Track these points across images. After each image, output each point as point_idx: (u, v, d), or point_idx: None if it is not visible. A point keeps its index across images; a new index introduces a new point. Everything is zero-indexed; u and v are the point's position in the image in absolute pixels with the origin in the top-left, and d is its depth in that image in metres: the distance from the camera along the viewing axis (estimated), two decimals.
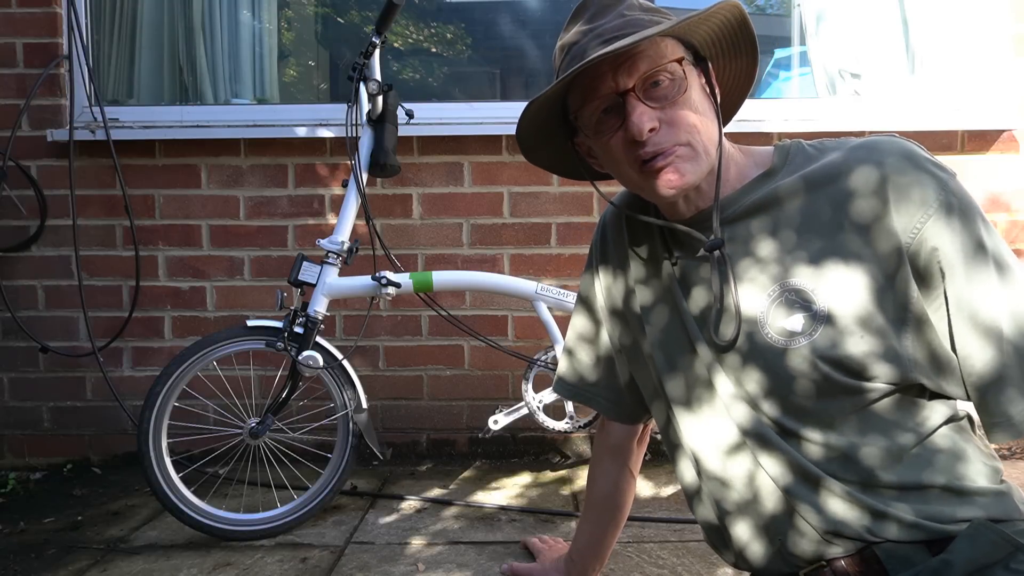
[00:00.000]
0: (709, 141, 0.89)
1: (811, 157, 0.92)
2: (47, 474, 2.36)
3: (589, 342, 1.15)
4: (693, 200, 0.94)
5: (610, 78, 0.86)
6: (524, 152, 1.01)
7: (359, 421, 1.86)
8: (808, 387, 0.85)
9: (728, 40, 0.93)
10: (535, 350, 2.07)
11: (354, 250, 1.86)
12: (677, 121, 0.87)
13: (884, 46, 2.46)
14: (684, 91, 0.87)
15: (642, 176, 0.89)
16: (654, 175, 0.88)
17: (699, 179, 0.89)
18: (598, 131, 0.91)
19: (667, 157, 0.87)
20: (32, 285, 2.38)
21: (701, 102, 0.89)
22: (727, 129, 0.95)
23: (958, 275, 0.81)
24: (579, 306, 1.17)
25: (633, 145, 0.87)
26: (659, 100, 0.86)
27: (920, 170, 0.83)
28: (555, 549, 1.56)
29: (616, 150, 0.90)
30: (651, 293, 1.01)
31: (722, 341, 0.91)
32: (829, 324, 0.84)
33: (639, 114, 0.85)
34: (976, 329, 0.81)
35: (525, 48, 2.95)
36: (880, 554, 0.83)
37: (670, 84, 0.87)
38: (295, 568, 1.64)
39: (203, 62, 2.55)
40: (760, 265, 0.89)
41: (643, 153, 0.87)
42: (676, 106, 0.87)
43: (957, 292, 0.81)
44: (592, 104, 0.89)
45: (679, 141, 0.87)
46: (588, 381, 1.16)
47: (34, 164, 2.35)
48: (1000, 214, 2.34)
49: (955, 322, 0.82)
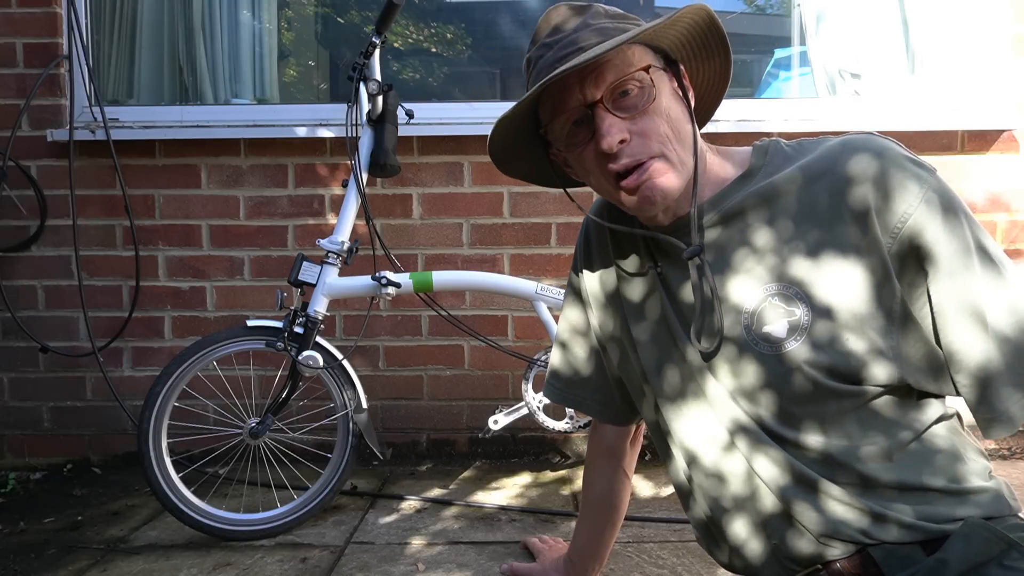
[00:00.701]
0: (684, 149, 0.88)
1: (790, 157, 0.91)
2: (47, 474, 2.36)
3: (579, 339, 1.15)
4: (671, 207, 0.92)
5: (577, 90, 0.85)
6: (497, 165, 1.00)
7: (359, 421, 1.86)
8: (804, 385, 0.84)
9: (699, 41, 0.92)
10: (535, 350, 2.07)
11: (354, 250, 1.86)
12: (648, 131, 0.86)
13: (884, 46, 2.46)
14: (653, 99, 0.86)
15: (617, 190, 0.89)
16: (630, 192, 0.87)
17: (678, 191, 0.88)
18: (570, 144, 0.90)
19: (641, 174, 0.86)
20: (32, 285, 2.38)
21: (673, 107, 0.88)
22: (721, 127, 0.95)
23: (942, 271, 0.81)
24: (566, 304, 1.17)
25: (605, 157, 0.86)
26: (628, 109, 0.85)
27: (900, 168, 0.83)
28: (555, 549, 1.56)
29: (589, 162, 0.89)
30: (637, 289, 1.01)
31: (704, 349, 0.91)
32: (824, 322, 0.83)
33: (608, 126, 0.84)
34: (967, 323, 0.81)
35: (525, 48, 2.94)
36: (877, 556, 0.82)
37: (639, 93, 0.85)
38: (295, 568, 1.64)
39: (203, 62, 2.55)
40: (753, 263, 0.89)
41: (617, 166, 0.86)
42: (646, 115, 0.86)
43: (941, 288, 0.81)
44: (561, 117, 0.88)
45: (652, 153, 0.86)
46: (578, 379, 1.16)
47: (34, 164, 2.35)
48: (1000, 214, 2.34)
49: (941, 317, 0.82)
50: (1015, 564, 0.77)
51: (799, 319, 0.85)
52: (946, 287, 0.81)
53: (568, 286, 1.17)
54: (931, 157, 2.31)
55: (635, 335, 1.00)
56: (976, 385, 0.81)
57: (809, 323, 0.84)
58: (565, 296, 1.18)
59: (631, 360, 1.03)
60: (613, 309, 1.05)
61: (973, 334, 0.80)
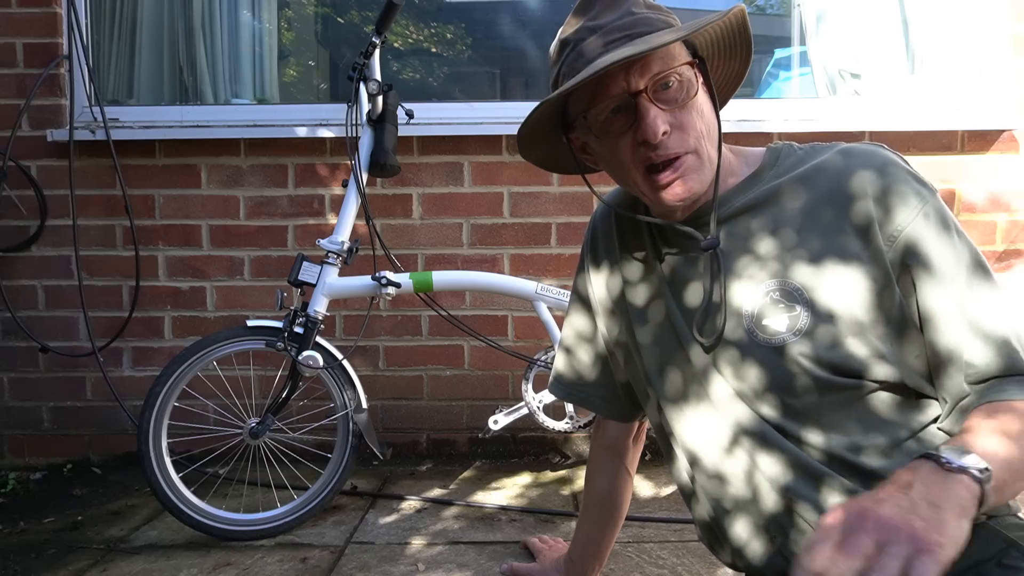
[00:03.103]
0: (712, 146, 0.90)
1: (801, 159, 0.92)
2: (47, 474, 2.36)
3: (584, 343, 1.15)
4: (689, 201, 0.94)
5: (622, 78, 0.85)
6: (521, 150, 1.00)
7: (359, 421, 1.86)
8: (806, 385, 0.85)
9: (726, 42, 0.93)
10: (535, 350, 2.07)
11: (354, 250, 1.86)
12: (687, 126, 0.86)
13: (884, 46, 2.46)
14: (693, 94, 0.86)
15: (647, 183, 0.89)
16: (660, 186, 0.88)
17: (703, 188, 0.89)
18: (605, 131, 0.89)
19: (676, 170, 0.87)
20: (32, 285, 2.38)
21: (705, 104, 0.89)
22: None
23: (934, 278, 0.82)
24: (572, 307, 1.17)
25: (643, 147, 0.86)
26: (669, 102, 0.86)
27: (903, 183, 0.84)
28: (555, 549, 1.56)
29: (624, 151, 0.89)
30: (642, 292, 1.01)
31: (706, 341, 0.91)
32: (825, 323, 0.84)
33: (653, 117, 0.84)
34: (956, 328, 0.81)
35: (525, 48, 2.95)
36: None
37: (679, 87, 0.86)
38: (295, 568, 1.64)
39: (203, 62, 2.55)
40: (757, 263, 0.89)
41: (654, 156, 0.86)
42: (685, 110, 0.86)
43: (930, 293, 0.82)
44: (601, 104, 0.87)
45: (688, 148, 0.87)
46: (584, 381, 1.16)
47: (34, 164, 2.35)
48: (1000, 214, 2.34)
49: (930, 323, 0.83)
50: (1014, 563, 0.77)
51: (799, 319, 0.85)
52: (936, 293, 0.82)
53: (573, 292, 1.17)
54: (931, 157, 2.32)
55: (639, 339, 1.01)
56: (980, 391, 0.81)
57: (809, 324, 0.85)
58: (570, 302, 1.18)
59: (636, 364, 1.04)
60: (619, 314, 1.06)
61: (961, 339, 0.81)
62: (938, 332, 0.82)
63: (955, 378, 0.82)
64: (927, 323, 0.83)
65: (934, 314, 0.82)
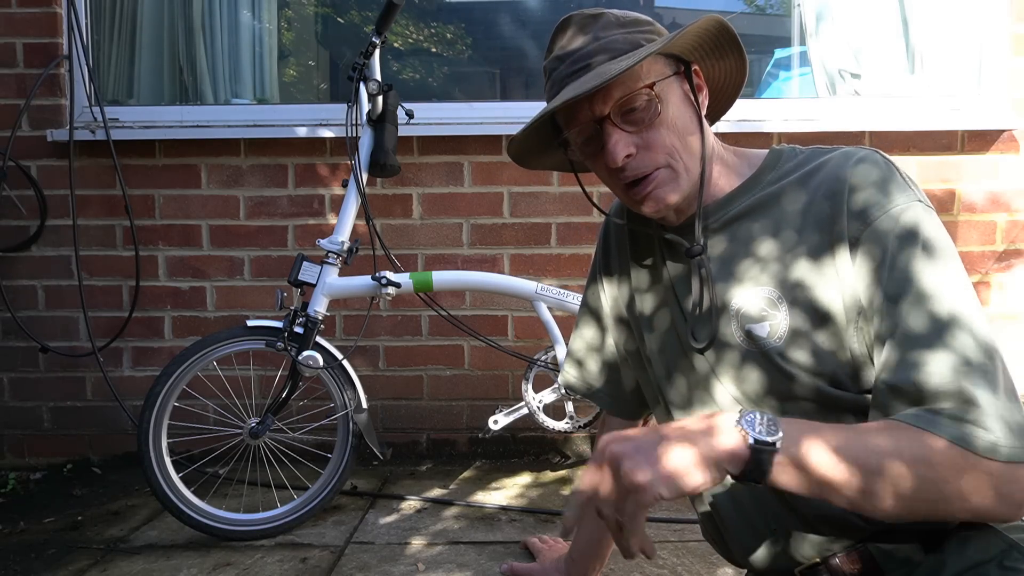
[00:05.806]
0: (691, 157, 0.90)
1: (802, 162, 0.92)
2: (47, 474, 2.36)
3: (595, 351, 1.18)
4: (683, 209, 0.95)
5: (587, 106, 0.88)
6: (518, 163, 1.04)
7: (359, 421, 1.86)
8: (807, 386, 0.85)
9: (711, 43, 0.93)
10: (535, 350, 2.07)
11: (354, 250, 1.86)
12: (654, 144, 0.88)
13: (884, 46, 2.46)
14: (659, 113, 0.87)
15: (626, 197, 0.93)
16: (637, 201, 0.91)
17: (682, 198, 0.91)
18: (583, 152, 0.94)
19: (648, 184, 0.89)
20: (32, 285, 2.38)
21: (681, 116, 0.90)
22: (721, 127, 0.96)
23: (879, 278, 0.80)
24: (584, 315, 1.20)
25: (614, 170, 0.89)
26: (636, 123, 0.87)
27: (897, 185, 0.83)
28: (555, 549, 1.56)
29: (601, 170, 0.93)
30: (651, 299, 1.03)
31: (696, 346, 0.93)
32: (821, 328, 0.84)
33: (614, 142, 0.87)
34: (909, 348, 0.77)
35: (525, 48, 2.95)
36: (876, 553, 0.83)
37: (646, 107, 0.87)
38: (295, 568, 1.64)
39: (203, 62, 2.54)
40: (758, 266, 0.90)
41: (623, 177, 0.90)
42: (653, 128, 0.87)
43: (873, 291, 0.80)
44: (573, 129, 0.91)
45: (658, 164, 0.88)
46: (592, 390, 1.20)
47: (34, 164, 2.35)
48: (1000, 214, 2.34)
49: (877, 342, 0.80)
50: (1015, 564, 0.77)
51: (798, 324, 0.85)
52: (888, 306, 0.79)
53: (583, 302, 1.19)
54: (931, 157, 2.32)
55: (649, 346, 1.03)
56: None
57: (807, 328, 0.85)
58: (580, 311, 1.21)
59: (647, 372, 1.06)
60: (630, 313, 1.08)
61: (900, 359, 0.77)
62: (882, 353, 0.79)
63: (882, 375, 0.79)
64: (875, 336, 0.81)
65: (880, 332, 0.80)
